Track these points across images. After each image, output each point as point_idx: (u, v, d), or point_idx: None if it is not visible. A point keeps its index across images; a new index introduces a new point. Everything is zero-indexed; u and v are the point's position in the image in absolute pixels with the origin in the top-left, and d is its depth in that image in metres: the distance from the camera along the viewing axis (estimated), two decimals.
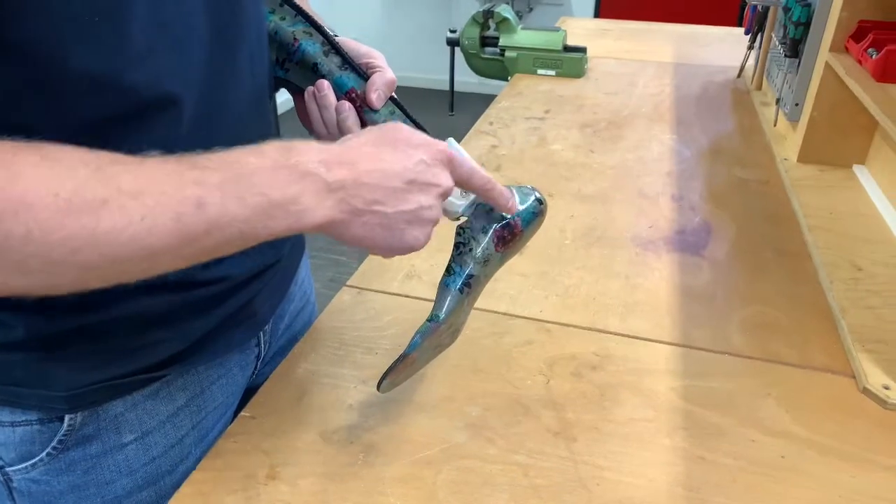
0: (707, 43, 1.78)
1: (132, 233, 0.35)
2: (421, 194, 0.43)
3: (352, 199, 0.41)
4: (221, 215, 0.38)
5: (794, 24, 1.03)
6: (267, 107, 0.57)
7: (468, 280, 0.51)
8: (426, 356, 0.55)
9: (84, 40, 0.39)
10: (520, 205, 0.52)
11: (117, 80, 0.42)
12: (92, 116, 0.42)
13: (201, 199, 0.37)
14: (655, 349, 0.66)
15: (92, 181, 0.35)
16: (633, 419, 0.58)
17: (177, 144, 0.46)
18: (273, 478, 0.52)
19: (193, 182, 0.38)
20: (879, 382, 0.61)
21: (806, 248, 0.83)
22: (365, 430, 0.57)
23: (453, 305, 0.51)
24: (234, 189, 0.38)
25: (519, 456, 0.54)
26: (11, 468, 0.51)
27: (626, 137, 1.18)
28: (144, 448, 0.54)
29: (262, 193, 0.39)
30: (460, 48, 1.57)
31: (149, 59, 0.43)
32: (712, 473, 0.53)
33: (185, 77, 0.46)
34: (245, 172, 0.39)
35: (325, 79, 0.55)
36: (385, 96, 0.55)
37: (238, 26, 0.51)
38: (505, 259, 0.53)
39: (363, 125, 0.55)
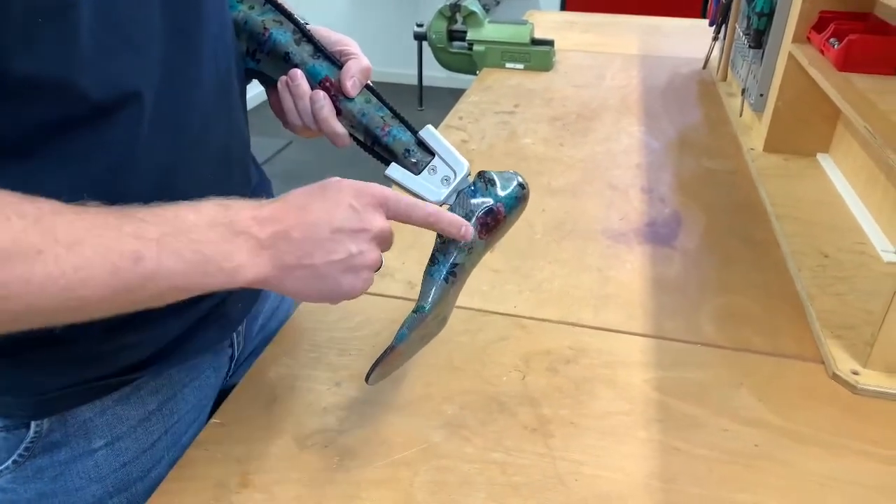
0: (672, 35, 1.80)
1: (65, 283, 0.35)
2: (350, 242, 0.43)
3: (283, 256, 0.42)
4: (157, 270, 0.38)
5: (757, 15, 1.04)
6: (234, 102, 0.56)
7: (453, 269, 0.50)
8: (414, 347, 0.54)
9: (27, 44, 0.38)
10: (502, 190, 0.51)
11: (67, 83, 0.40)
12: (44, 121, 0.41)
13: (138, 253, 0.37)
14: (629, 341, 0.67)
15: (28, 231, 0.35)
16: (609, 412, 0.58)
17: (138, 143, 0.44)
18: (246, 486, 0.51)
19: (132, 235, 0.38)
20: (848, 368, 0.61)
21: (774, 237, 0.84)
22: (340, 433, 0.56)
23: (438, 295, 0.50)
24: (171, 244, 0.38)
25: (496, 454, 0.54)
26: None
27: (595, 130, 1.18)
28: (115, 454, 0.53)
29: (198, 250, 0.39)
30: (428, 42, 1.56)
31: (100, 60, 0.41)
32: (688, 465, 0.53)
33: (141, 77, 0.44)
34: (182, 228, 0.39)
35: (297, 68, 0.53)
36: (360, 84, 0.54)
37: (198, 21, 0.49)
38: (489, 246, 0.53)
39: (338, 114, 0.54)
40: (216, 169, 0.53)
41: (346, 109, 0.54)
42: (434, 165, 0.52)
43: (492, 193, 0.51)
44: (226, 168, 0.55)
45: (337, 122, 0.54)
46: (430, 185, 0.51)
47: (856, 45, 0.82)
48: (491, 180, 0.52)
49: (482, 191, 0.51)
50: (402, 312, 0.69)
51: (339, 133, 0.54)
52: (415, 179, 0.52)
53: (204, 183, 0.52)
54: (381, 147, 0.53)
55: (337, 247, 0.42)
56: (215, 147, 0.53)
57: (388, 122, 0.53)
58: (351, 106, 0.53)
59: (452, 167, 0.51)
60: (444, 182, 0.51)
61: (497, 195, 0.51)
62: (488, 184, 0.52)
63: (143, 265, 0.37)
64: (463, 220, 0.49)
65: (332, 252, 0.42)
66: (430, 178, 0.52)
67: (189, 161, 0.50)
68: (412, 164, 0.52)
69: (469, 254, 0.51)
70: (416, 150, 0.52)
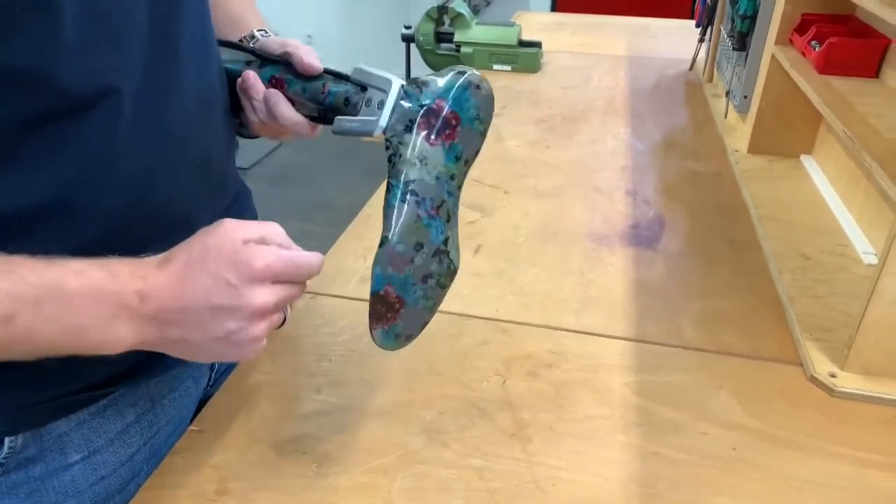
0: (660, 36, 1.81)
1: None
2: (229, 320, 0.41)
3: (165, 330, 0.41)
4: (30, 331, 0.38)
5: (740, 17, 1.04)
6: (216, 107, 0.56)
7: (408, 188, 0.46)
8: (419, 294, 0.48)
9: (10, 33, 0.37)
10: (438, 87, 0.48)
11: (47, 76, 0.40)
12: (21, 114, 0.40)
13: (11, 314, 0.37)
14: (610, 345, 0.67)
15: None
16: (589, 417, 0.58)
17: (117, 140, 0.44)
18: (224, 493, 0.51)
19: (7, 294, 0.37)
20: (826, 370, 0.62)
21: (756, 239, 0.85)
22: (318, 439, 0.56)
23: (402, 220, 0.46)
24: (47, 309, 0.38)
25: (474, 459, 0.54)
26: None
27: (581, 132, 1.18)
28: (92, 468, 0.53)
29: (75, 319, 0.39)
30: (416, 44, 1.56)
31: (82, 54, 0.41)
32: (666, 469, 0.53)
33: (122, 73, 0.44)
34: (63, 294, 0.38)
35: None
36: (314, 59, 0.55)
37: (178, 24, 0.49)
38: (457, 152, 0.48)
39: (292, 104, 0.56)
40: (196, 171, 0.53)
41: (294, 95, 0.56)
42: (369, 97, 0.51)
43: (427, 94, 0.48)
44: (205, 171, 0.55)
45: (293, 112, 0.56)
46: (369, 117, 0.50)
47: (836, 48, 0.83)
48: (424, 82, 0.49)
49: (416, 95, 0.48)
50: None
51: (297, 121, 0.56)
52: (355, 120, 0.51)
53: (183, 184, 0.52)
54: (329, 110, 0.54)
55: (215, 325, 0.41)
56: (195, 149, 0.53)
57: (326, 85, 0.54)
58: (296, 88, 0.56)
59: (384, 89, 0.50)
60: (380, 106, 0.49)
61: (432, 93, 0.48)
62: (421, 86, 0.48)
63: (13, 325, 0.37)
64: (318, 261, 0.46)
65: (210, 330, 0.41)
66: (367, 111, 0.50)
67: (168, 161, 0.50)
68: (353, 107, 0.52)
69: (424, 166, 0.47)
70: (354, 94, 0.52)
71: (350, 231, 0.87)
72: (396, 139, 0.48)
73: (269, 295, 0.42)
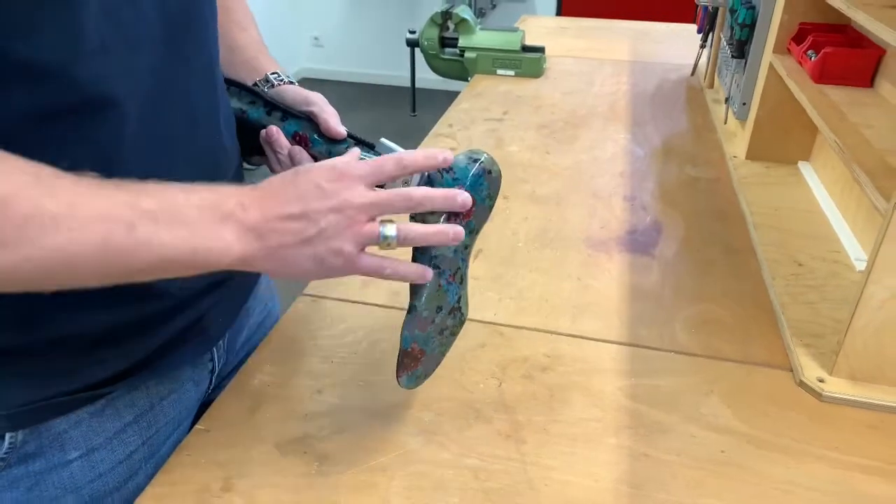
0: (662, 40, 1.82)
1: (61, 239, 0.37)
2: (323, 219, 0.44)
3: (264, 239, 0.44)
4: (149, 240, 0.40)
5: (739, 25, 1.06)
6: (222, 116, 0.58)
7: (432, 261, 0.52)
8: (436, 344, 0.55)
9: (30, 30, 0.39)
10: (459, 172, 0.52)
11: (67, 73, 0.42)
12: (38, 105, 0.42)
13: (132, 221, 0.39)
14: (604, 349, 0.68)
15: (29, 186, 0.37)
16: (582, 419, 0.60)
17: (125, 140, 0.47)
18: (228, 490, 0.53)
19: (127, 205, 0.40)
20: (814, 376, 0.63)
21: (751, 245, 0.86)
22: (319, 439, 0.58)
23: (427, 292, 0.52)
24: (164, 217, 0.40)
25: (470, 460, 0.56)
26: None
27: (581, 138, 1.20)
28: (90, 465, 0.55)
29: (188, 225, 0.41)
30: (420, 49, 1.58)
31: (100, 56, 0.43)
32: (655, 470, 0.55)
33: (134, 78, 0.47)
34: (175, 205, 0.41)
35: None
36: (338, 124, 0.59)
37: (189, 39, 0.51)
38: (471, 227, 0.53)
39: (315, 159, 0.59)
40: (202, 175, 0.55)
41: (319, 154, 0.60)
42: None
43: (447, 179, 0.52)
44: (212, 174, 0.57)
45: None
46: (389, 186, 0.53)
47: (831, 57, 0.84)
48: (447, 168, 0.53)
49: (438, 180, 0.52)
50: (385, 321, 0.72)
51: None
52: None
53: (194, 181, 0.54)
54: None
55: (311, 228, 0.44)
56: (201, 154, 0.55)
57: (350, 148, 0.57)
58: (321, 149, 0.59)
59: None
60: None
61: (453, 179, 0.52)
62: (444, 172, 0.53)
63: (135, 233, 0.39)
64: (438, 151, 0.50)
65: (306, 234, 0.44)
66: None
67: (175, 164, 0.52)
68: None
69: None
70: None
71: None
72: (420, 217, 0.52)
73: (363, 194, 0.45)
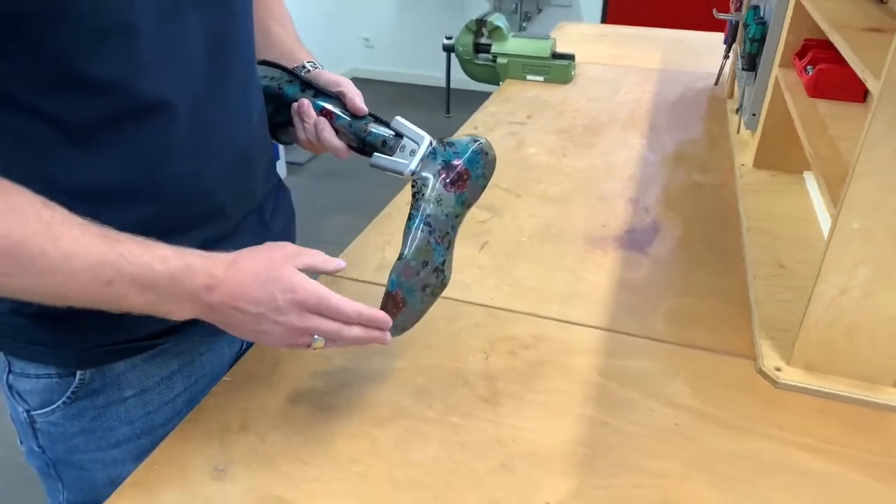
0: (696, 49, 1.86)
1: (52, 282, 0.49)
2: (266, 324, 0.54)
3: (216, 313, 0.54)
4: (121, 295, 0.51)
5: (750, 39, 1.11)
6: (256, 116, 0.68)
7: (425, 219, 0.61)
8: (417, 298, 0.62)
9: (99, 51, 0.50)
10: (459, 148, 0.63)
11: (128, 86, 0.53)
12: (105, 114, 0.53)
13: (111, 279, 0.50)
14: (585, 333, 0.76)
15: (38, 234, 0.47)
16: (554, 390, 0.68)
17: (173, 141, 0.57)
18: (244, 429, 0.63)
19: (111, 265, 0.49)
20: (773, 365, 0.70)
21: (742, 248, 0.92)
22: (326, 394, 0.67)
23: (416, 243, 0.60)
24: (138, 281, 0.51)
25: (452, 418, 0.65)
26: (35, 412, 0.64)
27: (599, 143, 1.27)
28: (142, 403, 0.66)
29: (157, 293, 0.52)
30: (455, 54, 1.67)
31: (153, 70, 0.54)
32: (611, 436, 0.63)
33: (181, 87, 0.57)
34: (151, 276, 0.51)
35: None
36: (362, 103, 0.67)
37: (229, 50, 0.62)
38: (464, 198, 0.63)
39: (336, 133, 0.68)
40: (234, 169, 0.66)
41: (340, 126, 0.67)
42: (404, 144, 0.64)
43: (449, 152, 0.63)
44: (242, 170, 0.67)
45: (336, 139, 0.67)
46: (402, 160, 0.64)
47: (825, 73, 0.89)
48: (449, 142, 0.64)
49: (441, 152, 0.63)
50: None
51: (338, 147, 0.67)
52: (390, 159, 0.64)
53: (222, 180, 0.64)
54: (368, 145, 0.66)
55: (254, 325, 0.54)
56: (235, 151, 0.65)
57: (369, 126, 0.66)
58: (343, 123, 0.67)
59: (417, 142, 0.64)
60: (412, 154, 0.63)
61: (454, 153, 0.63)
62: (447, 146, 0.64)
63: (112, 289, 0.50)
64: (384, 319, 0.58)
65: (249, 326, 0.55)
66: (401, 155, 0.64)
67: (212, 160, 0.62)
68: (389, 149, 0.65)
69: (438, 205, 0.61)
70: (391, 139, 0.65)
71: (373, 225, 0.98)
72: (421, 182, 0.62)
73: (306, 319, 0.54)
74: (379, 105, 0.70)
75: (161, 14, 0.53)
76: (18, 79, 0.50)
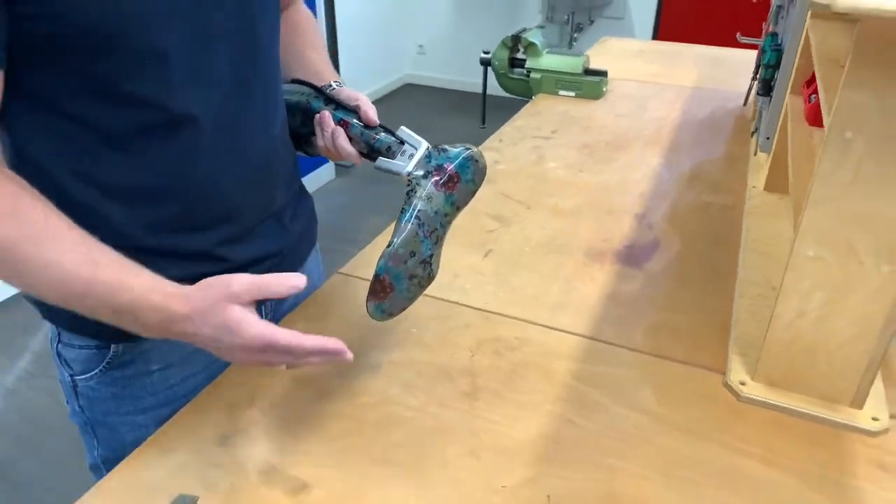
0: (735, 67, 1.87)
1: (32, 282, 0.57)
2: (227, 354, 0.59)
3: (187, 340, 0.59)
4: (95, 309, 0.58)
5: (765, 66, 1.14)
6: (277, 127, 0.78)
7: (416, 214, 0.68)
8: (404, 286, 0.68)
9: (138, 74, 0.61)
10: (451, 153, 0.71)
11: (160, 102, 0.63)
12: (140, 124, 0.64)
13: (84, 294, 0.57)
14: (567, 339, 0.82)
15: (28, 241, 0.55)
16: (530, 390, 0.74)
17: (200, 148, 0.67)
18: (250, 406, 0.72)
19: (87, 283, 0.56)
20: (738, 379, 0.74)
21: (736, 268, 0.96)
22: (325, 380, 0.76)
23: (405, 234, 0.67)
24: (106, 304, 0.57)
25: (432, 407, 0.72)
26: (77, 377, 0.75)
27: (618, 159, 1.32)
28: (165, 377, 0.76)
29: (121, 318, 0.58)
30: (491, 68, 1.74)
31: (183, 89, 0.64)
32: (574, 432, 0.69)
33: (208, 103, 0.67)
34: (117, 300, 0.57)
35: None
36: (374, 116, 0.76)
37: (253, 69, 0.71)
38: (453, 199, 0.70)
39: (350, 141, 0.76)
40: (254, 176, 0.75)
41: (354, 135, 0.77)
42: (404, 150, 0.73)
43: (442, 157, 0.71)
44: (262, 176, 0.77)
45: (349, 145, 0.76)
46: (401, 163, 0.72)
47: None
48: (443, 149, 0.72)
49: (435, 156, 0.71)
50: None
51: (351, 152, 0.76)
52: (391, 161, 0.73)
53: (242, 185, 0.73)
54: (375, 151, 0.75)
55: (219, 352, 0.59)
56: (256, 158, 0.75)
57: (377, 134, 0.75)
58: (356, 132, 0.76)
59: (415, 147, 0.72)
60: (410, 157, 0.71)
61: (446, 157, 0.71)
62: (440, 151, 0.72)
63: (85, 301, 0.57)
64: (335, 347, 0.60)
65: (216, 352, 0.59)
66: (401, 159, 0.72)
67: (234, 166, 0.72)
68: (392, 153, 0.73)
69: (429, 202, 0.68)
70: (394, 145, 0.73)
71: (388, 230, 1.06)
72: (415, 181, 0.70)
73: (254, 357, 0.59)
74: (423, 110, 0.79)
75: (192, 43, 0.63)
76: (69, 92, 0.60)
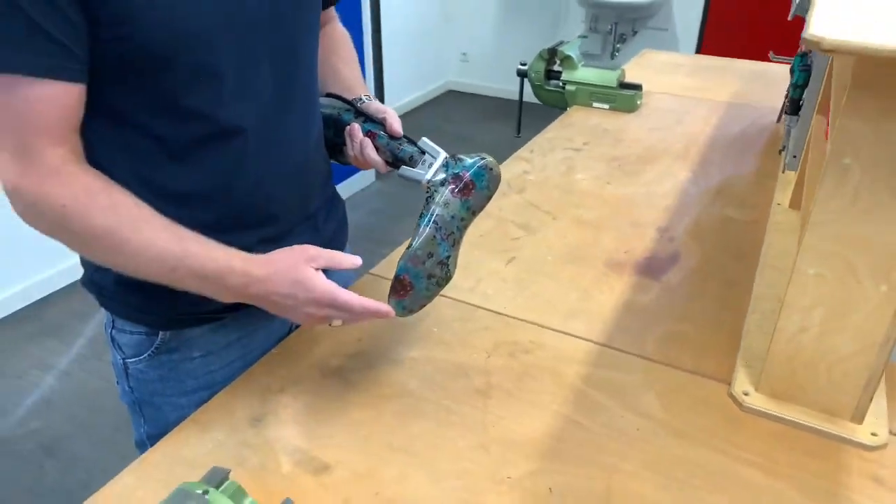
0: (773, 82, 1.87)
1: (133, 262, 0.67)
2: (292, 311, 0.69)
3: (258, 301, 0.70)
4: (182, 280, 0.68)
5: (793, 85, 1.16)
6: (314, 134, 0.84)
7: (433, 218, 0.73)
8: (423, 285, 0.73)
9: (193, 90, 0.68)
10: (468, 162, 0.76)
11: (212, 115, 0.70)
12: (194, 135, 0.71)
13: (175, 267, 0.67)
14: (580, 344, 0.86)
15: (124, 228, 0.65)
16: (540, 391, 0.79)
17: (246, 155, 0.74)
18: (281, 391, 0.79)
19: (177, 258, 0.66)
20: (742, 389, 0.77)
21: (753, 283, 0.98)
22: (350, 371, 0.82)
23: (424, 237, 0.72)
24: (194, 273, 0.68)
25: (447, 402, 0.77)
26: (128, 360, 0.83)
27: (646, 172, 1.35)
28: (206, 363, 0.83)
29: (207, 284, 0.69)
30: (528, 79, 1.78)
31: (232, 102, 0.71)
32: (578, 433, 0.73)
33: (252, 114, 0.74)
34: (203, 271, 0.67)
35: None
36: (399, 127, 0.82)
37: (293, 80, 0.78)
38: (469, 205, 0.74)
39: (377, 150, 0.82)
40: (292, 181, 0.82)
41: (381, 145, 0.83)
42: (425, 159, 0.78)
43: (459, 165, 0.76)
44: (300, 182, 0.83)
45: (376, 155, 0.82)
46: (421, 171, 0.77)
47: None
48: (460, 158, 0.77)
49: (453, 165, 0.76)
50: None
51: (377, 161, 0.82)
52: (413, 170, 0.78)
53: (281, 189, 0.80)
54: (399, 160, 0.81)
55: (281, 311, 0.70)
56: (296, 163, 0.81)
57: (401, 145, 0.81)
58: (382, 142, 0.82)
59: (434, 157, 0.77)
60: (429, 166, 0.77)
61: (463, 165, 0.76)
62: (457, 160, 0.77)
63: (174, 274, 0.67)
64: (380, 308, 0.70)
65: (282, 310, 0.70)
66: (422, 167, 0.78)
67: (274, 173, 0.78)
68: (413, 162, 0.79)
69: (446, 207, 0.73)
70: (416, 154, 0.79)
71: None
72: (433, 188, 0.76)
73: (317, 311, 0.69)
74: (462, 117, 0.84)
75: (241, 61, 0.70)
76: (135, 106, 0.68)
